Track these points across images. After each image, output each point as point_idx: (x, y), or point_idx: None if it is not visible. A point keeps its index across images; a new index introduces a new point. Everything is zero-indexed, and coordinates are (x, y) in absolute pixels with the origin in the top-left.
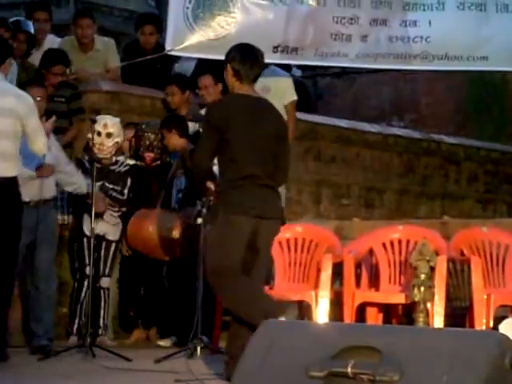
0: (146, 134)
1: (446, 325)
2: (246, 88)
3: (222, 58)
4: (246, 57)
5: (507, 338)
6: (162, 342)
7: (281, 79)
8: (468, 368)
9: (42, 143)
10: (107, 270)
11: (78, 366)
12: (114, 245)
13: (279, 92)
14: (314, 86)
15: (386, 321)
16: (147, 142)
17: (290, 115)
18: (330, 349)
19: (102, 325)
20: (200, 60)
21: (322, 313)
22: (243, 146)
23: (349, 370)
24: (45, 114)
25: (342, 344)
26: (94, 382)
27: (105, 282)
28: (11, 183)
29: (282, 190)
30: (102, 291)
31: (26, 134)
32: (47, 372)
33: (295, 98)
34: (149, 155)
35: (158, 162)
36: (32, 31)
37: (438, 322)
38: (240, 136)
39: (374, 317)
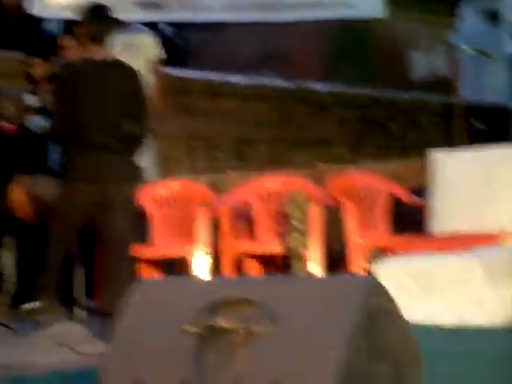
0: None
1: (322, 271)
2: (95, 48)
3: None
4: (94, 16)
5: (379, 280)
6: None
7: (144, 36)
8: (342, 313)
9: None
10: None
11: None
12: None
13: (143, 49)
14: (184, 40)
15: (265, 271)
16: (6, 114)
17: (154, 72)
18: (205, 303)
19: None
20: (63, 21)
21: (200, 267)
22: (86, 110)
23: (224, 323)
24: None
25: (216, 297)
26: None
27: None
28: None
29: (149, 149)
30: None
31: None
32: None
33: (159, 54)
34: (7, 126)
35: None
36: None
37: (315, 268)
38: (83, 101)
39: (252, 268)
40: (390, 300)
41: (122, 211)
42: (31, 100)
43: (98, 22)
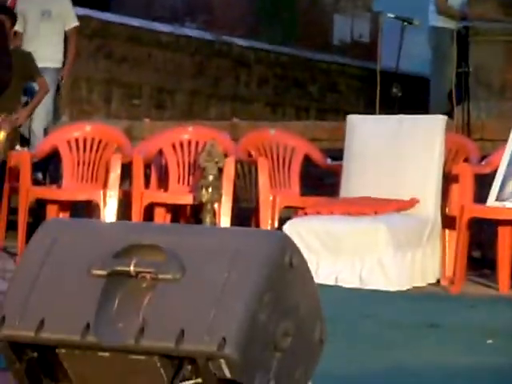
0: None
1: (232, 225)
2: None
3: None
4: None
5: (288, 237)
6: None
7: (61, 3)
8: (250, 265)
9: None
10: None
11: None
12: None
13: (60, 16)
14: None
15: (175, 221)
16: None
17: (71, 40)
18: (113, 247)
19: None
20: None
21: (110, 212)
22: None
23: (131, 268)
24: None
25: (125, 242)
26: None
27: None
28: None
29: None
30: None
31: None
32: None
33: (77, 23)
34: None
35: None
36: None
37: (225, 222)
38: None
39: (162, 217)
40: (299, 257)
41: None
42: None
43: None
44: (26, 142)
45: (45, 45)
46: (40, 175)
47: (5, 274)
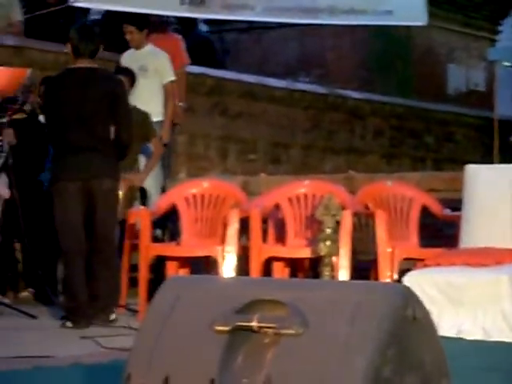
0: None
1: (351, 278)
2: (80, 61)
3: (128, 9)
4: (82, 35)
5: (410, 289)
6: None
7: (159, 58)
8: (371, 319)
9: None
10: None
11: None
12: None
13: (157, 72)
14: (221, 41)
15: (293, 275)
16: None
17: (168, 95)
18: (235, 303)
19: None
20: (107, 13)
21: (228, 268)
22: (68, 115)
23: (254, 323)
24: None
25: (247, 298)
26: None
27: None
28: None
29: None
30: None
31: None
32: None
33: (173, 77)
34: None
35: None
36: None
37: (344, 275)
38: (66, 107)
39: (280, 271)
40: (422, 309)
41: (104, 207)
42: None
43: (88, 40)
44: (143, 199)
45: (144, 99)
46: (159, 232)
47: (129, 332)
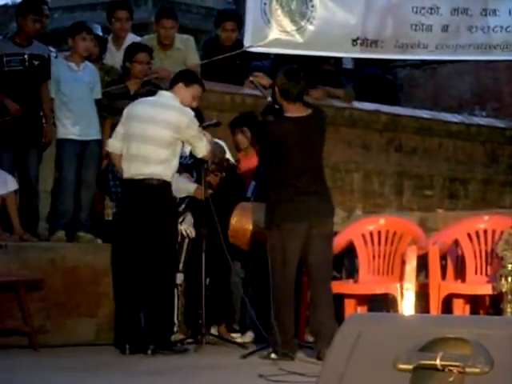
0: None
1: None
2: (292, 107)
3: (302, 52)
4: (290, 77)
5: None
6: (240, 339)
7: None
8: None
9: (202, 148)
10: (181, 266)
11: (171, 363)
12: (187, 241)
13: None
14: (394, 77)
15: (473, 312)
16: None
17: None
18: (417, 341)
19: (176, 321)
20: (276, 57)
21: (407, 305)
22: (294, 162)
23: (438, 361)
24: None
25: (430, 336)
26: (188, 380)
27: (178, 278)
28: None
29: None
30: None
31: (188, 142)
32: (140, 368)
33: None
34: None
35: None
36: (100, 34)
37: None
38: (290, 155)
39: (460, 308)
40: None
41: (324, 242)
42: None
43: (296, 82)
44: None
45: None
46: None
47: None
